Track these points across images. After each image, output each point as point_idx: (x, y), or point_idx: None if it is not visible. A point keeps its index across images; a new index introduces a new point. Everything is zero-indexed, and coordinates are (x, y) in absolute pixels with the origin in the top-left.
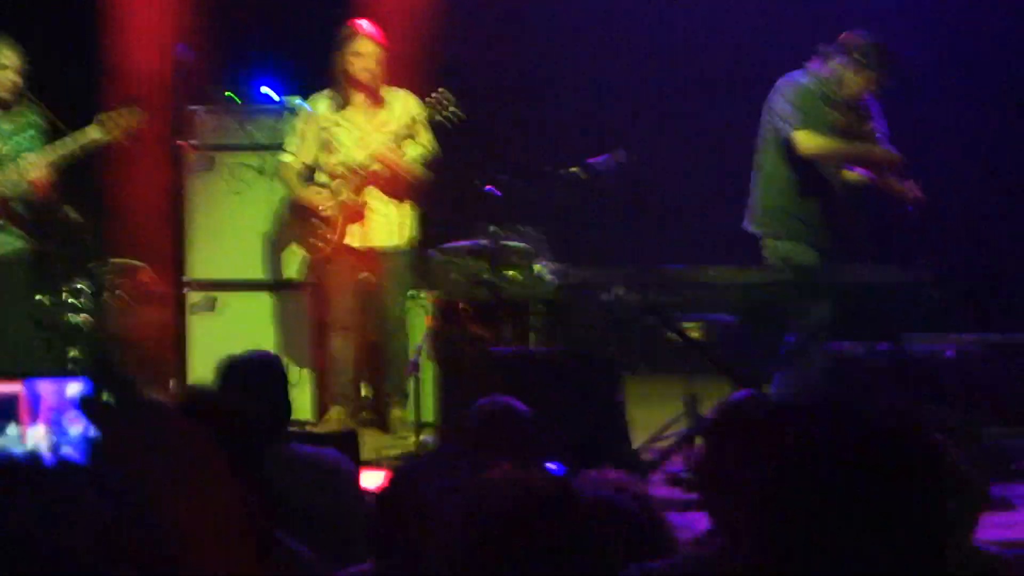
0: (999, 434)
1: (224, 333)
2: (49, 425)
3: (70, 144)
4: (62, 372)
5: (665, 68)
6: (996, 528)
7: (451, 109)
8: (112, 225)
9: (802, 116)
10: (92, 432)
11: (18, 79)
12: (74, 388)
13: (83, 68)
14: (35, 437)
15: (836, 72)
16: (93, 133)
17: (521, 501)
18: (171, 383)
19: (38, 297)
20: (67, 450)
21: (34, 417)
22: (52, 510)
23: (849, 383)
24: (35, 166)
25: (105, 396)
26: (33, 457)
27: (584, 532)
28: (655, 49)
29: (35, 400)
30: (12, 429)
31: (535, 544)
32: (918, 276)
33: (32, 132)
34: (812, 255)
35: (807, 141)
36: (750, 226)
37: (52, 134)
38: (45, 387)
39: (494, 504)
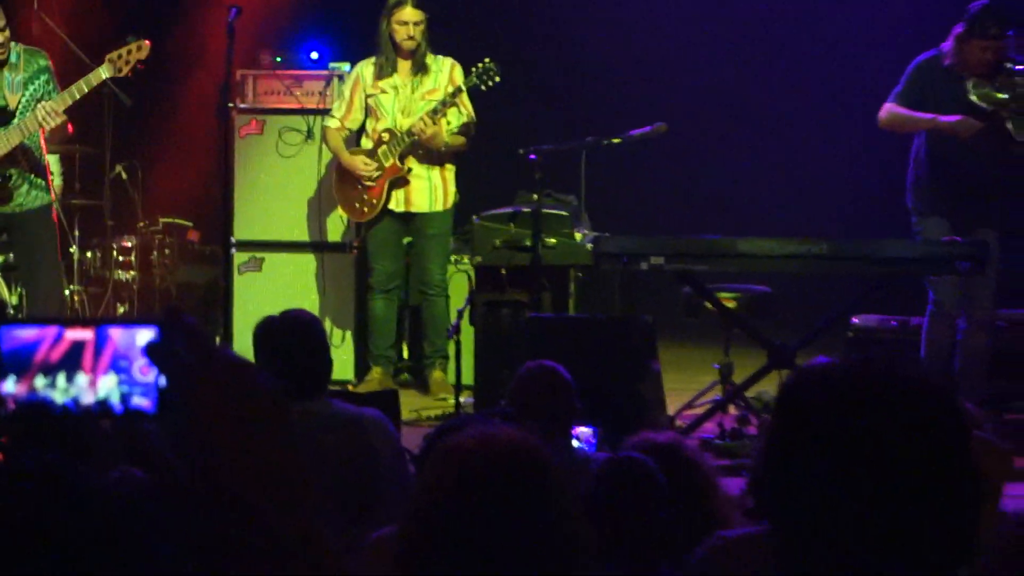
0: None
1: (269, 293)
2: (118, 374)
3: (83, 87)
4: (129, 321)
5: (709, 45)
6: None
7: (496, 79)
8: (161, 185)
9: (896, 91)
10: (161, 381)
11: (6, 34)
12: (144, 336)
13: (141, 29)
14: (105, 386)
15: (954, 46)
16: (104, 73)
17: (480, 462)
18: (216, 339)
19: (88, 254)
20: (137, 400)
21: (104, 365)
22: (120, 458)
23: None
24: (52, 114)
25: (175, 345)
26: (103, 405)
27: (549, 495)
28: (700, 26)
29: (104, 347)
30: (81, 378)
31: (494, 507)
32: (950, 251)
33: (45, 76)
34: (945, 228)
35: (882, 114)
36: None
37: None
38: (117, 332)
39: (455, 465)
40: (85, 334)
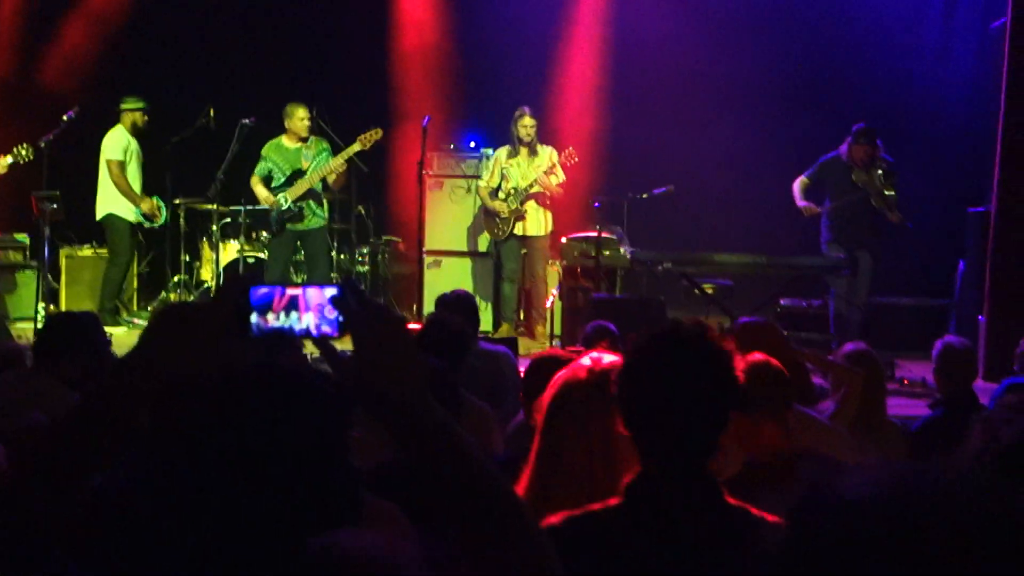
0: None
1: (444, 280)
2: (315, 313)
3: (347, 153)
4: (322, 283)
5: (698, 126)
6: None
7: (575, 159)
8: (384, 216)
9: (808, 172)
10: (341, 318)
11: (310, 124)
12: (331, 291)
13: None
14: (306, 320)
15: (847, 149)
16: (357, 146)
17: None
18: (414, 308)
19: (342, 256)
20: (325, 328)
21: (307, 308)
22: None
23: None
24: (339, 166)
25: (349, 298)
26: (306, 331)
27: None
28: (695, 113)
29: (307, 298)
30: (294, 315)
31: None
32: (835, 263)
33: (325, 155)
34: (841, 250)
35: (794, 183)
36: None
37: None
38: (312, 290)
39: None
40: (296, 291)
